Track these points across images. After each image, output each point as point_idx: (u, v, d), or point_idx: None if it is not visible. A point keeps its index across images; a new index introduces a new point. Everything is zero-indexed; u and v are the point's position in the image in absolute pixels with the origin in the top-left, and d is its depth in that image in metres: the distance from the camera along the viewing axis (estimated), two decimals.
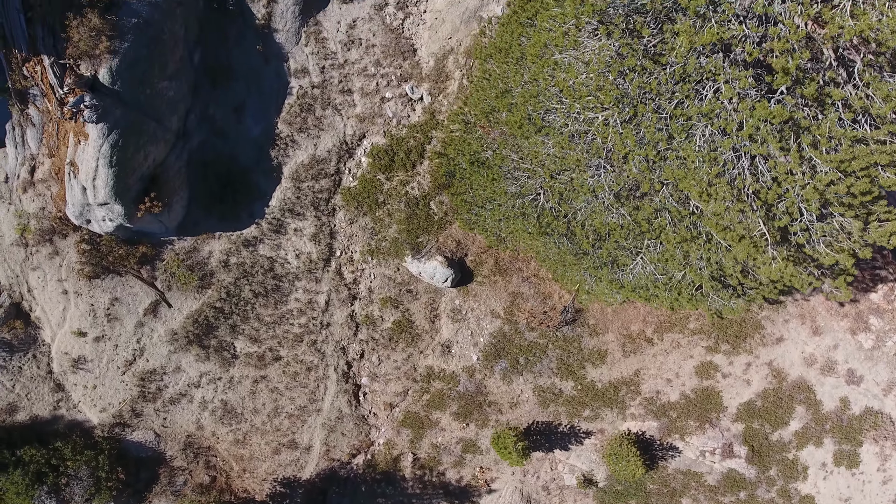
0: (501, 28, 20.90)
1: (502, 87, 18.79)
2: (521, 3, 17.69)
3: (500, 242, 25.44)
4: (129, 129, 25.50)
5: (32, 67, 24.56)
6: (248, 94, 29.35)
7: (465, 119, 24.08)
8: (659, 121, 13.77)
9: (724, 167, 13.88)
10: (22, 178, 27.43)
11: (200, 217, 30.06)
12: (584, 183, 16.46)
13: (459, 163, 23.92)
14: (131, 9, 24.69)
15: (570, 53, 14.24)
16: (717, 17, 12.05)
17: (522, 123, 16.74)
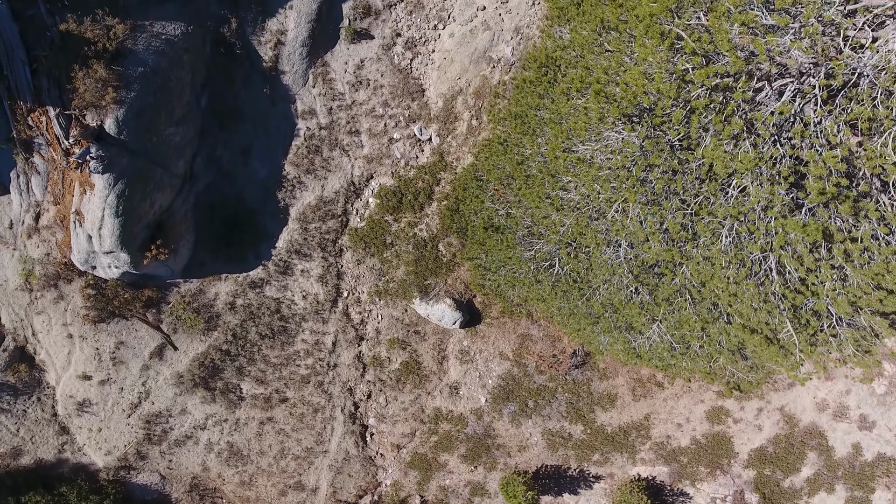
0: (517, 91, 20.54)
1: (518, 156, 18.43)
2: (536, 70, 17.32)
3: (513, 307, 25.12)
4: (135, 177, 25.21)
5: (37, 118, 24.27)
6: (255, 136, 29.02)
7: (478, 176, 23.75)
8: (684, 217, 13.47)
9: (752, 268, 13.57)
10: (27, 224, 27.12)
11: (206, 259, 29.76)
12: (603, 261, 16.16)
13: (472, 221, 23.60)
14: (138, 58, 24.38)
15: (591, 145, 13.91)
16: (751, 139, 11.69)
17: (541, 202, 16.42)
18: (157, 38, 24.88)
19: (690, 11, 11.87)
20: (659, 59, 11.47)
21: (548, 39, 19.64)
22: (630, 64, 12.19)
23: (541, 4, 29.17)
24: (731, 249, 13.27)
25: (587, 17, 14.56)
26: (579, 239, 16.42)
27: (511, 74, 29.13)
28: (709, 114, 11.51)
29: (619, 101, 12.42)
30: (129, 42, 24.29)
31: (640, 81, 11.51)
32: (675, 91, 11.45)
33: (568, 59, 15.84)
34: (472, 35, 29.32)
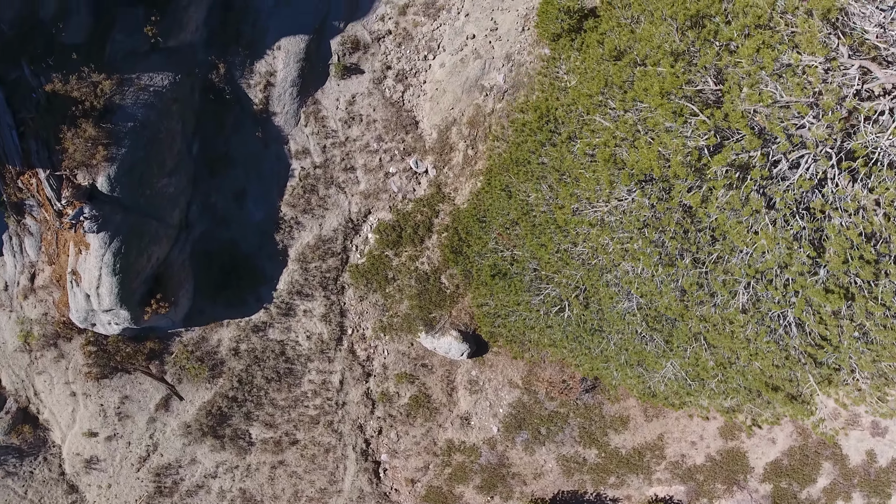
0: (516, 134, 20.27)
1: (522, 204, 18.12)
2: (536, 119, 16.98)
3: (524, 352, 24.90)
4: (131, 233, 24.75)
5: (27, 180, 23.75)
6: (248, 180, 28.60)
7: (480, 217, 23.46)
8: (699, 276, 13.29)
9: (771, 325, 13.40)
10: (22, 285, 26.58)
11: (206, 306, 29.31)
12: (616, 312, 15.94)
13: (477, 263, 23.32)
14: (126, 113, 23.91)
15: (601, 207, 13.66)
16: (770, 214, 11.49)
17: (549, 256, 16.15)
18: (144, 91, 24.42)
19: (699, 77, 11.64)
20: (672, 136, 11.26)
21: (546, 83, 19.38)
22: (641, 134, 11.93)
23: (531, 30, 28.94)
24: (750, 308, 13.11)
25: (589, 73, 14.27)
26: (590, 291, 16.17)
27: (504, 102, 28.89)
28: (726, 192, 11.31)
29: (630, 168, 12.15)
30: (117, 97, 23.82)
31: (653, 161, 11.26)
32: (692, 175, 11.25)
33: (570, 116, 15.53)
34: (462, 64, 29.04)
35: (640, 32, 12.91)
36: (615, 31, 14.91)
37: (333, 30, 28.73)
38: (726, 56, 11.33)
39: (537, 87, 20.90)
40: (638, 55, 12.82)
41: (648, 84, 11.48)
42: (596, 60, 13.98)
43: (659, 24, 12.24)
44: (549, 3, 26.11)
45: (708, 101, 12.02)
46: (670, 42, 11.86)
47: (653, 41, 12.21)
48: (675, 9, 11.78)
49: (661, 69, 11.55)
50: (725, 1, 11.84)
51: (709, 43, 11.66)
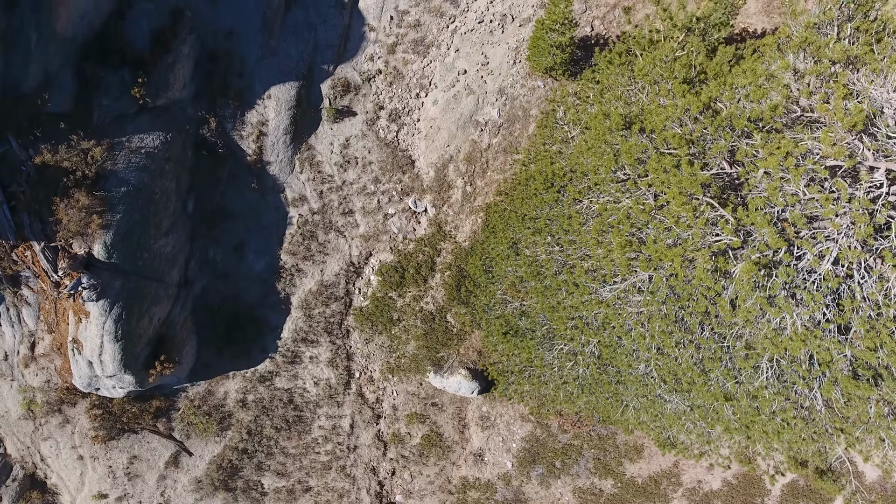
0: (521, 189, 19.90)
1: (531, 262, 17.77)
2: (542, 182, 16.53)
3: (541, 407, 24.59)
4: (131, 298, 24.33)
5: (22, 253, 23.28)
6: (247, 232, 28.19)
7: (486, 268, 23.13)
8: (722, 352, 13.00)
9: (798, 400, 13.14)
10: (22, 354, 26.12)
11: (211, 359, 28.94)
12: (634, 378, 15.63)
13: (486, 316, 22.97)
14: (119, 178, 23.46)
15: (617, 287, 13.28)
16: (798, 311, 11.17)
17: (562, 321, 15.84)
18: (136, 154, 23.97)
19: (714, 162, 11.32)
20: (694, 234, 10.97)
21: (547, 133, 19.01)
22: (657, 223, 11.60)
23: (522, 63, 28.60)
24: (774, 382, 12.85)
25: (595, 145, 13.89)
26: (606, 354, 15.86)
27: (500, 137, 28.55)
28: (752, 293, 11.03)
29: (647, 253, 11.77)
30: (109, 163, 23.35)
31: (677, 267, 10.92)
32: (714, 281, 10.95)
33: (576, 176, 15.18)
34: (456, 100, 28.68)
35: (648, 107, 12.59)
36: (618, 100, 14.60)
37: (323, 73, 28.31)
38: (743, 146, 11.02)
39: (539, 140, 20.50)
40: (645, 125, 12.51)
41: (665, 178, 11.14)
42: (602, 132, 13.65)
43: (669, 109, 11.82)
44: (540, 39, 25.80)
45: (725, 185, 11.73)
46: (683, 129, 11.56)
47: (661, 116, 11.87)
48: (686, 100, 11.43)
49: (674, 153, 11.21)
50: (737, 89, 11.54)
51: (724, 130, 11.37)
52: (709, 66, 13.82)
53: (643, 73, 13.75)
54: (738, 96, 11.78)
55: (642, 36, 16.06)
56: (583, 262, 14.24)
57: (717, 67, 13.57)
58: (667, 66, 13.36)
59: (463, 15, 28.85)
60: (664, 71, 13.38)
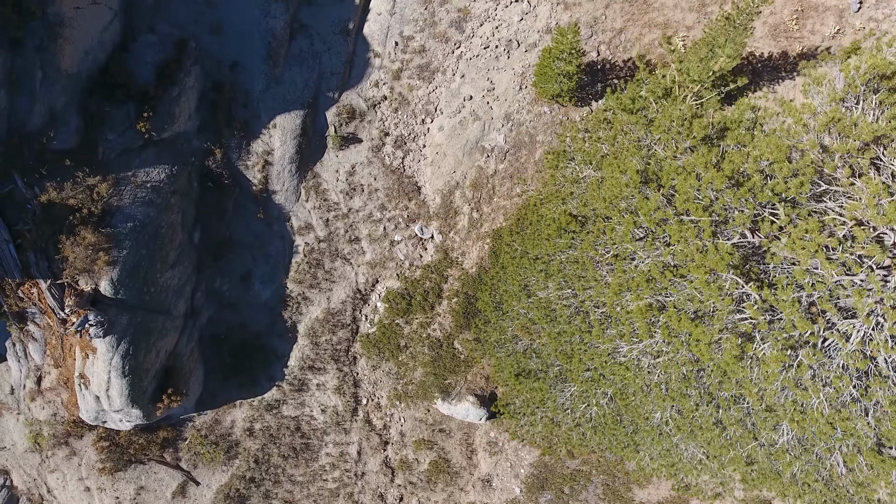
0: (532, 231, 19.72)
1: (543, 309, 17.55)
2: (555, 230, 16.24)
3: (553, 449, 24.45)
4: (138, 333, 24.19)
5: (28, 290, 23.14)
6: (253, 261, 28.05)
7: (496, 304, 22.97)
8: (742, 413, 12.87)
9: (819, 465, 13.02)
10: (28, 388, 25.99)
11: (218, 388, 28.82)
12: (651, 428, 15.49)
13: (497, 353, 22.84)
14: (125, 213, 23.31)
15: (636, 347, 13.14)
16: (825, 391, 10.97)
17: (577, 370, 15.67)
18: (142, 188, 23.82)
19: (737, 231, 11.18)
20: (719, 314, 10.81)
21: (559, 175, 18.80)
22: (682, 297, 11.41)
23: (528, 89, 28.45)
24: (797, 447, 12.70)
25: (612, 201, 13.62)
26: (621, 404, 15.70)
27: (507, 163, 28.39)
28: (777, 376, 10.89)
29: (667, 321, 11.56)
30: (115, 199, 23.21)
31: (704, 352, 10.79)
32: (741, 368, 10.82)
33: (594, 237, 14.88)
34: (461, 126, 28.54)
35: (666, 165, 12.39)
36: (633, 148, 14.41)
37: (328, 101, 28.15)
38: (767, 220, 10.83)
39: (550, 181, 20.29)
40: (663, 182, 12.34)
41: (688, 251, 10.97)
42: (618, 188, 13.45)
43: (691, 179, 11.59)
44: (547, 67, 25.65)
45: (748, 254, 11.58)
46: (704, 199, 11.37)
47: (682, 184, 11.58)
48: (709, 175, 11.18)
49: (698, 223, 11.02)
50: (760, 161, 11.32)
51: (747, 202, 11.23)
52: (726, 119, 13.66)
53: (661, 130, 13.53)
54: (761, 167, 11.65)
55: (657, 83, 15.89)
56: (597, 308, 14.10)
57: (736, 125, 13.41)
58: (684, 126, 13.16)
59: (468, 41, 28.69)
60: (681, 128, 13.19)
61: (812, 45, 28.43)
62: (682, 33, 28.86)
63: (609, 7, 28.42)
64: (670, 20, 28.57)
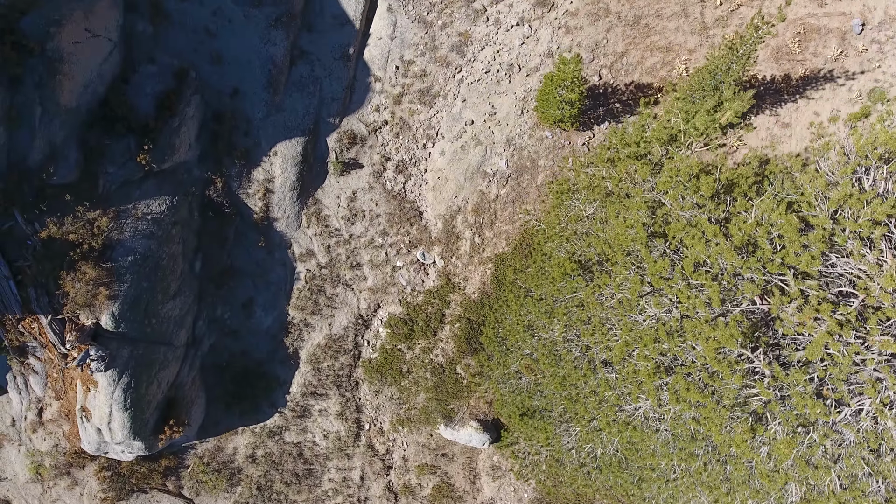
0: (537, 267, 19.59)
1: (547, 351, 17.43)
2: (560, 275, 16.05)
3: (558, 490, 24.35)
4: (139, 366, 24.06)
5: (29, 325, 23.00)
6: (254, 289, 27.92)
7: (500, 340, 22.86)
8: (749, 473, 12.78)
9: None
10: (30, 419, 25.86)
11: (220, 415, 28.69)
12: (657, 477, 15.37)
13: (501, 389, 22.73)
14: (126, 247, 23.16)
15: (642, 404, 13.05)
16: (838, 467, 10.86)
17: (584, 424, 15.58)
18: (142, 221, 23.68)
19: (745, 298, 11.08)
20: (729, 392, 10.68)
21: (562, 214, 18.64)
22: (693, 376, 11.28)
23: (530, 113, 28.32)
24: None
25: (618, 253, 13.47)
26: (627, 456, 15.57)
27: (509, 188, 28.27)
28: (788, 455, 10.80)
29: (675, 386, 11.39)
30: (115, 232, 23.06)
31: (714, 430, 10.68)
32: (751, 449, 10.72)
33: (600, 293, 14.71)
34: (463, 151, 28.41)
35: (674, 222, 12.28)
36: (640, 208, 14.14)
37: (329, 127, 28.02)
38: (778, 296, 10.69)
39: (553, 219, 20.10)
40: (670, 237, 12.21)
41: (697, 324, 10.85)
42: (625, 242, 13.30)
43: (698, 246, 11.43)
44: (549, 94, 25.53)
45: (757, 322, 11.49)
46: (714, 267, 11.27)
47: (691, 249, 11.46)
48: (719, 247, 11.01)
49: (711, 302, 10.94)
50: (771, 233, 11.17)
51: (756, 271, 11.10)
52: (733, 175, 13.50)
53: (668, 186, 13.37)
54: (771, 237, 11.52)
55: (662, 129, 15.74)
56: (604, 365, 13.98)
57: (744, 180, 13.29)
58: (691, 182, 13.01)
59: (469, 65, 28.56)
60: (688, 184, 13.05)
61: (815, 67, 28.32)
62: (684, 56, 28.75)
63: (610, 31, 28.30)
64: (672, 43, 28.45)
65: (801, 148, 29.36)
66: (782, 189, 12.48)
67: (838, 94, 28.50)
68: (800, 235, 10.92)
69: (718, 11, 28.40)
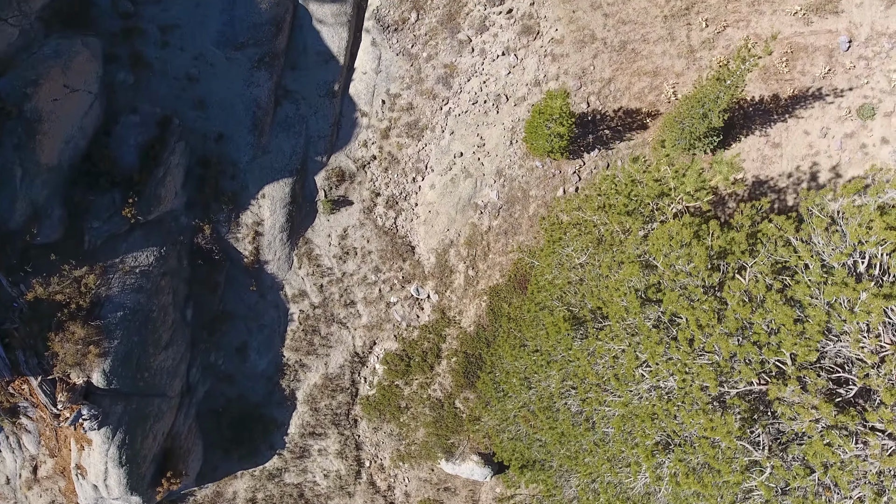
0: (531, 316, 19.35)
1: (545, 405, 17.15)
2: (553, 333, 15.82)
3: None
4: (133, 421, 23.71)
5: (19, 386, 22.62)
6: (248, 332, 27.60)
7: (495, 385, 22.61)
8: None
9: None
10: (24, 477, 25.46)
11: (219, 461, 28.38)
12: None
13: (499, 439, 22.46)
14: (115, 303, 22.81)
15: (641, 480, 12.87)
16: None
17: (584, 490, 15.34)
18: (130, 274, 23.32)
19: (742, 381, 10.86)
20: (730, 488, 10.47)
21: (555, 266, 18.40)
22: (688, 452, 11.05)
23: (519, 143, 28.09)
24: None
25: (614, 323, 13.16)
26: None
27: (500, 219, 28.01)
28: None
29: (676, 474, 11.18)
30: (103, 289, 22.71)
31: None
32: None
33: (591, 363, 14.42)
34: (453, 184, 28.15)
35: (668, 291, 12.03)
36: (634, 275, 13.83)
37: (317, 165, 27.71)
38: (775, 381, 10.48)
39: (546, 270, 19.78)
40: (664, 309, 11.98)
41: (694, 416, 10.58)
42: (618, 312, 13.06)
43: (692, 326, 11.16)
44: (538, 127, 25.30)
45: (754, 403, 11.26)
46: (708, 347, 11.08)
47: (688, 322, 11.25)
48: (714, 338, 10.78)
49: None
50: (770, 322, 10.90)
51: (753, 355, 10.88)
52: (726, 243, 13.16)
53: (660, 255, 13.08)
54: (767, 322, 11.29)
55: (652, 188, 15.48)
56: (605, 431, 13.76)
57: (737, 246, 13.02)
58: (684, 251, 12.73)
59: (456, 97, 28.28)
60: (680, 251, 12.79)
61: (803, 86, 28.18)
62: (671, 80, 28.55)
63: (597, 57, 28.07)
64: (659, 67, 28.24)
65: (793, 167, 29.27)
66: (776, 252, 12.28)
67: (828, 112, 28.36)
68: (795, 324, 10.73)
69: (705, 34, 28.21)
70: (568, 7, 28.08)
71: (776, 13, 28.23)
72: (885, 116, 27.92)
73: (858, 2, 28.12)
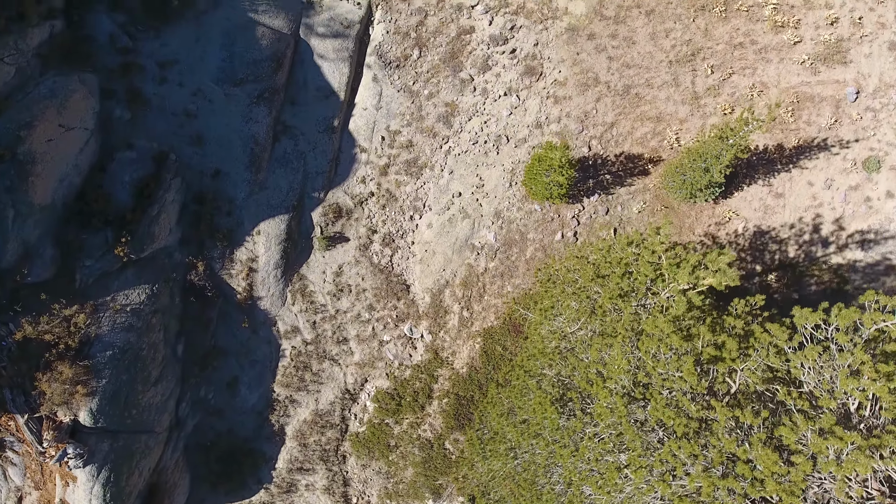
0: (520, 383, 19.12)
1: (530, 476, 16.97)
2: (542, 411, 15.57)
3: None
4: (119, 458, 23.61)
5: (6, 423, 22.56)
6: (239, 368, 27.46)
7: (482, 442, 22.39)
8: None
9: None
10: None
11: (206, 495, 28.27)
12: None
13: (485, 498, 22.25)
14: (104, 342, 22.70)
15: None
16: None
17: None
18: (121, 313, 23.20)
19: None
20: None
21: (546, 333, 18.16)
22: None
23: (518, 185, 27.82)
24: None
25: (602, 413, 12.98)
26: None
27: (497, 261, 27.78)
28: None
29: None
30: (93, 328, 22.60)
31: None
32: None
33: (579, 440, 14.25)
34: (451, 224, 27.92)
35: (657, 394, 11.82)
36: (624, 373, 13.52)
37: (314, 201, 27.53)
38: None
39: (537, 341, 19.53)
40: (651, 412, 11.74)
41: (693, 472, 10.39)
42: (606, 401, 12.86)
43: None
44: (537, 174, 25.05)
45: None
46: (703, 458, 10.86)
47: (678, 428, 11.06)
48: (695, 473, 10.52)
49: None
50: None
51: (738, 487, 10.62)
52: (717, 353, 12.86)
53: (649, 357, 12.81)
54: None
55: (647, 273, 15.17)
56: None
57: (728, 353, 12.75)
58: (674, 356, 12.47)
59: (456, 136, 28.04)
60: (671, 355, 12.53)
61: (808, 136, 27.80)
62: (675, 126, 28.20)
63: (600, 101, 27.77)
64: (663, 113, 27.91)
65: (796, 218, 28.89)
66: (767, 357, 12.02)
67: (832, 163, 27.98)
68: (780, 467, 10.43)
69: (710, 80, 27.86)
70: (572, 49, 27.79)
71: (783, 61, 27.85)
72: (891, 170, 27.53)
73: (867, 52, 27.71)
